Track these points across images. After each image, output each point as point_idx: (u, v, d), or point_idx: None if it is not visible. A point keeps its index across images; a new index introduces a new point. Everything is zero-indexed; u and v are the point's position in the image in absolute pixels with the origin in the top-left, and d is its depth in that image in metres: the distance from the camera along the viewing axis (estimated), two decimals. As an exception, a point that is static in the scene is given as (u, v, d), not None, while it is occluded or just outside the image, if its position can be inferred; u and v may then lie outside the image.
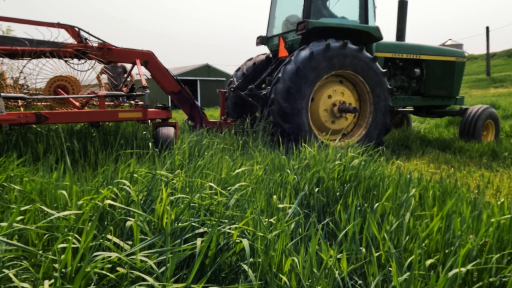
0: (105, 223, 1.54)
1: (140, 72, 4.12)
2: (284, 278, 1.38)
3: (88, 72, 4.12)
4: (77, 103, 4.03)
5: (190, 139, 3.64)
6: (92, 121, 3.68)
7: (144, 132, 3.99)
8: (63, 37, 4.13)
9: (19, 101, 3.71)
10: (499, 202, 1.96)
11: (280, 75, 4.92)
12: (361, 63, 5.23)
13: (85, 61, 4.14)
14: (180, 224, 1.46)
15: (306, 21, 5.21)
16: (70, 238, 1.21)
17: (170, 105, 4.37)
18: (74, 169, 3.11)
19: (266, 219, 1.72)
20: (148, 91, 3.81)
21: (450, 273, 1.28)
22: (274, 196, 2.07)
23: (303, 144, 3.29)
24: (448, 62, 6.79)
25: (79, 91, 3.97)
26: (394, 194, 2.25)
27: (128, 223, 1.39)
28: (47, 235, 1.41)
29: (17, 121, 3.18)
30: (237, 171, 2.32)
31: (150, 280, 1.14)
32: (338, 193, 2.34)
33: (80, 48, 4.04)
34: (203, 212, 1.67)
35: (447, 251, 1.62)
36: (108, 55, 4.22)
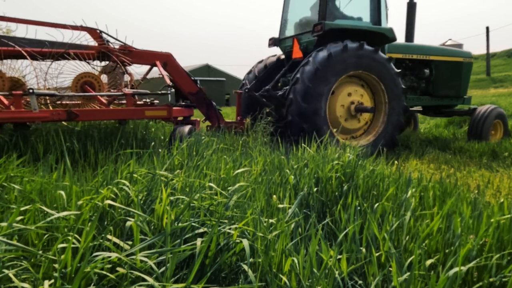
0: (105, 223, 1.54)
1: (162, 73, 4.27)
2: (284, 278, 1.38)
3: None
4: (103, 100, 4.11)
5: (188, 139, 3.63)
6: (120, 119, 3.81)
7: (144, 132, 4.00)
8: (85, 38, 4.36)
9: (48, 99, 3.83)
10: (499, 202, 1.96)
11: (298, 75, 5.02)
12: (388, 75, 5.42)
13: (108, 63, 4.32)
14: (180, 224, 1.46)
15: (323, 22, 5.31)
16: (70, 238, 1.21)
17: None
18: (74, 169, 3.10)
19: (266, 219, 1.72)
20: (172, 90, 3.99)
21: (450, 272, 1.28)
22: (274, 196, 2.07)
23: (302, 144, 3.29)
24: (455, 63, 6.94)
25: (104, 88, 4.08)
26: (394, 194, 2.25)
27: (128, 223, 1.39)
28: (47, 235, 1.41)
29: (50, 118, 3.33)
30: (237, 171, 2.32)
31: (150, 280, 1.14)
32: (337, 193, 2.34)
33: (103, 50, 4.17)
34: (203, 212, 1.67)
35: (447, 251, 1.62)
36: (129, 56, 4.35)
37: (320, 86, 4.97)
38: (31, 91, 3.27)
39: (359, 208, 2.06)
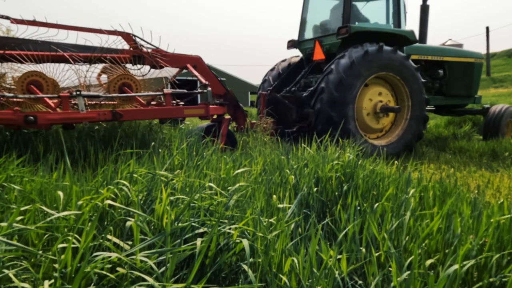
0: (105, 223, 1.54)
1: (196, 74, 4.47)
2: (284, 278, 1.38)
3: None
4: (142, 101, 4.22)
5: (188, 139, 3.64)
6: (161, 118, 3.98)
7: (144, 132, 4.00)
8: (120, 43, 4.46)
9: (86, 100, 3.91)
10: (499, 202, 1.96)
11: (333, 66, 5.13)
12: (418, 95, 5.57)
13: (142, 66, 4.44)
14: (180, 224, 1.46)
15: (348, 26, 5.42)
16: (70, 238, 1.21)
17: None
18: (74, 169, 3.10)
19: (266, 219, 1.72)
20: (210, 89, 4.13)
21: (450, 269, 1.27)
22: (274, 196, 2.07)
23: (302, 144, 3.29)
24: (468, 63, 7.14)
25: (141, 89, 4.19)
26: (393, 194, 2.25)
27: (128, 223, 1.39)
28: (47, 235, 1.41)
29: (97, 118, 3.47)
30: (237, 171, 2.32)
31: (150, 280, 1.14)
32: (337, 193, 2.34)
33: (140, 54, 4.31)
34: (203, 212, 1.67)
35: (447, 251, 1.62)
36: (161, 60, 4.45)
37: (353, 78, 5.08)
38: (78, 93, 3.38)
39: (359, 208, 2.06)
